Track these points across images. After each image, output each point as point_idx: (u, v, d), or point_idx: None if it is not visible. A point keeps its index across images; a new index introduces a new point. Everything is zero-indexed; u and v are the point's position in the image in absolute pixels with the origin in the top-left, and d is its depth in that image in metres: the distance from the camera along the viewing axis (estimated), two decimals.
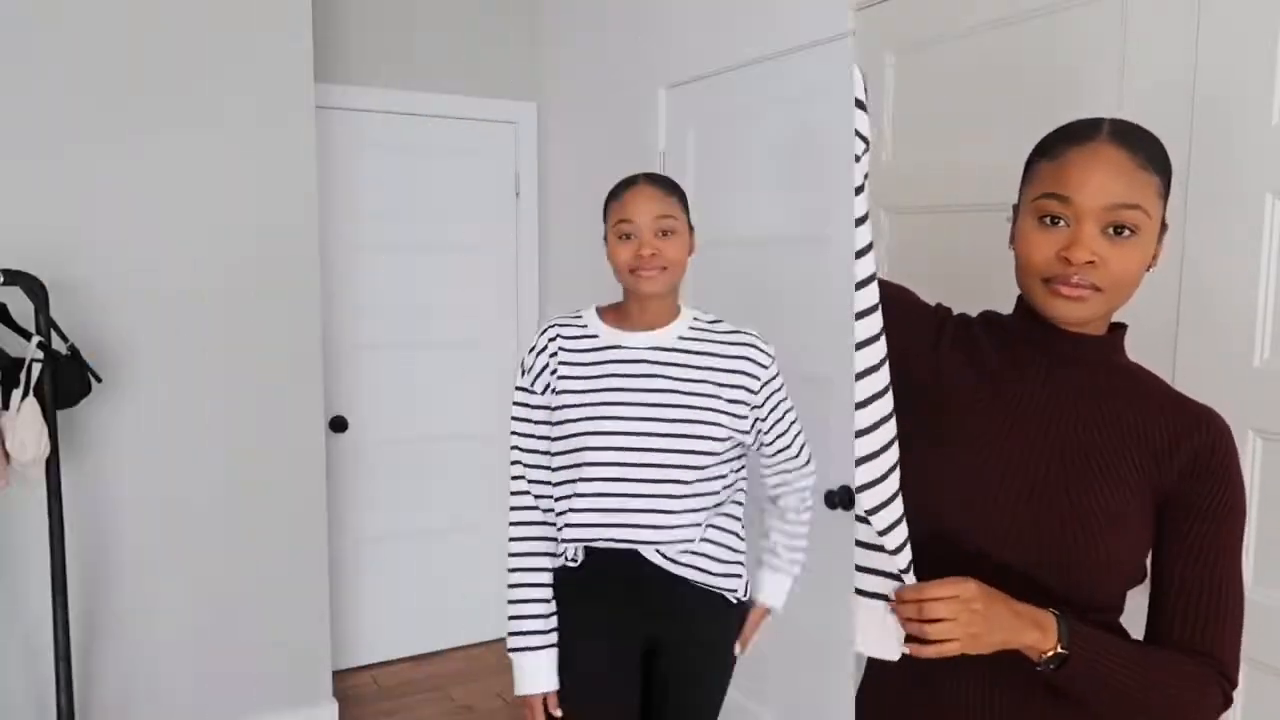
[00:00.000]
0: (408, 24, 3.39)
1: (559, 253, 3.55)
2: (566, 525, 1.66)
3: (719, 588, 1.72)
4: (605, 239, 1.68)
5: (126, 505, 2.69)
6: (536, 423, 1.70)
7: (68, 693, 2.37)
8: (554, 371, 1.67)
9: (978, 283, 1.46)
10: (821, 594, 2.33)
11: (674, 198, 1.67)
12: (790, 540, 1.84)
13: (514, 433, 1.72)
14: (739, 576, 1.75)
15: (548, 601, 1.69)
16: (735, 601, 1.76)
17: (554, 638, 1.68)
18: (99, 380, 2.45)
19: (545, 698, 1.68)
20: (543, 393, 1.68)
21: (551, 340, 1.69)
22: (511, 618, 1.68)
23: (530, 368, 1.70)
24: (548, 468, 1.70)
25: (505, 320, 3.66)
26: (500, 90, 3.57)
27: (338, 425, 3.36)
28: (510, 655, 1.68)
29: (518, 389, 1.72)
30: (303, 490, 2.91)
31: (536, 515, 1.71)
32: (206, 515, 2.78)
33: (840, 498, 2.19)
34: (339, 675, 3.43)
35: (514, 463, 1.72)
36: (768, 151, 2.44)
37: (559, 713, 1.68)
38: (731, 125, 2.56)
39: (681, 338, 1.69)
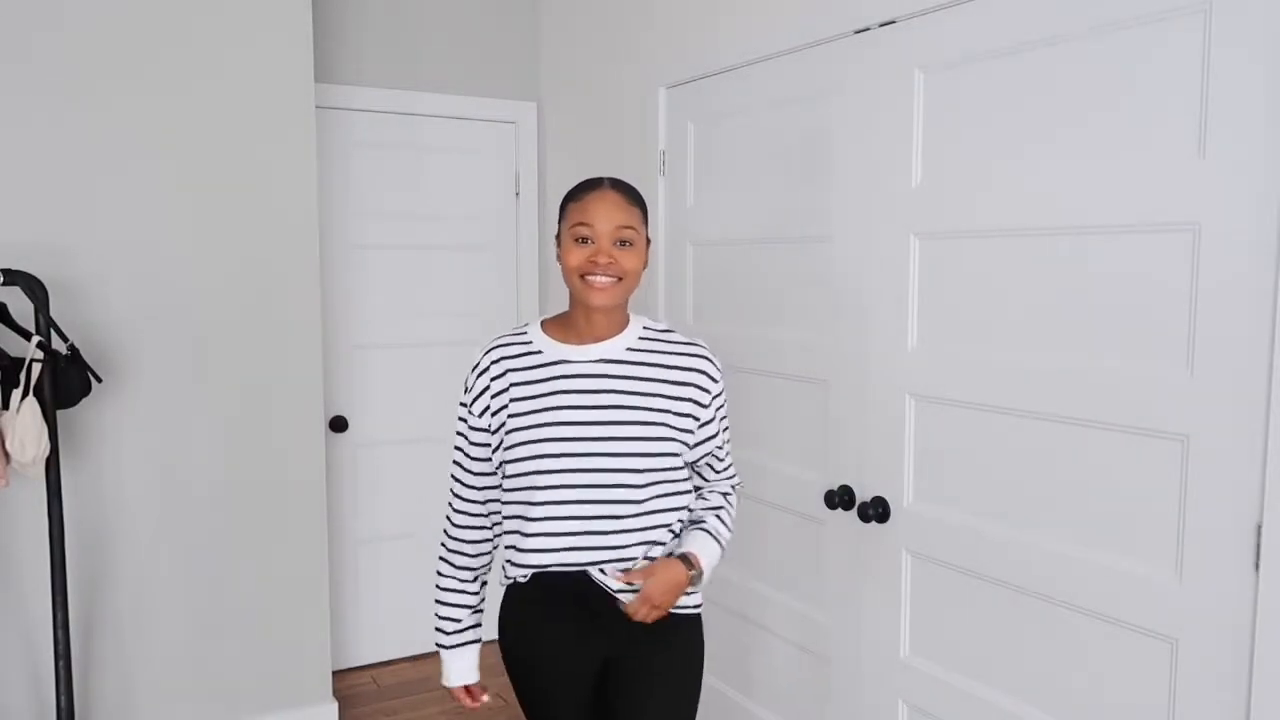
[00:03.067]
0: (408, 24, 3.39)
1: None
2: (517, 550, 1.64)
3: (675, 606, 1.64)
4: (558, 240, 1.64)
5: (126, 505, 2.69)
6: (473, 443, 1.70)
7: (68, 693, 2.37)
8: (496, 394, 1.64)
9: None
10: (820, 594, 2.33)
11: (637, 208, 1.63)
12: (720, 521, 1.75)
13: (456, 448, 1.74)
14: (691, 593, 1.68)
15: (463, 607, 1.76)
16: (689, 615, 1.70)
17: (471, 635, 1.76)
18: (99, 380, 2.45)
19: (468, 688, 1.76)
20: (480, 414, 1.67)
21: (495, 362, 1.66)
22: (435, 615, 1.77)
23: (471, 388, 1.69)
24: (477, 487, 1.73)
25: (505, 320, 3.66)
26: (500, 90, 3.57)
27: (338, 425, 3.36)
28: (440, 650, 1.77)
29: (460, 405, 1.71)
30: (303, 490, 2.91)
31: (465, 522, 1.74)
32: (206, 515, 2.78)
33: (840, 498, 2.19)
34: (339, 675, 3.44)
35: (452, 476, 1.75)
36: (767, 151, 2.44)
37: (486, 698, 1.77)
38: (731, 125, 2.57)
39: (630, 349, 1.65)
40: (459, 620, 1.75)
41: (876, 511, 2.11)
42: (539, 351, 1.65)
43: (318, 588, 2.96)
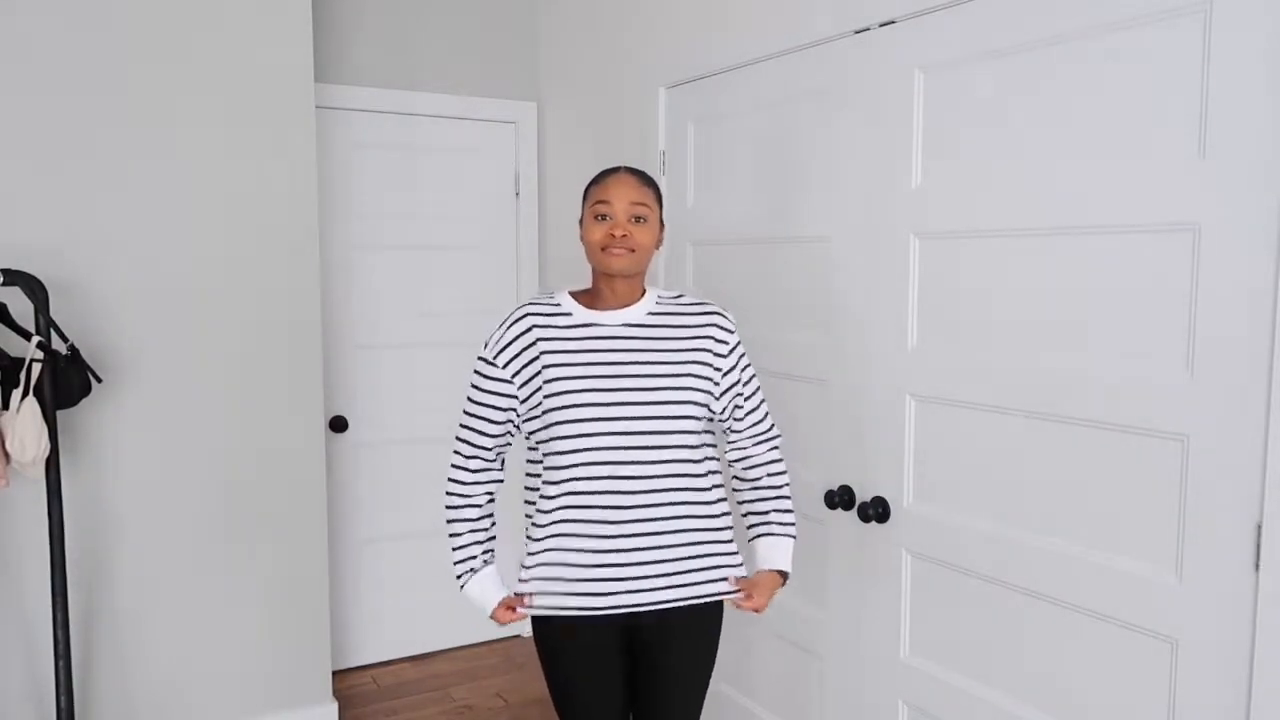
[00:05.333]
0: (408, 24, 3.39)
1: (559, 253, 3.55)
2: (548, 498, 1.76)
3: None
4: (581, 222, 1.81)
5: (126, 505, 2.69)
6: (491, 393, 1.79)
7: (68, 693, 2.37)
8: (523, 349, 1.76)
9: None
10: (820, 594, 2.33)
11: (649, 189, 1.78)
12: (780, 509, 1.93)
13: (471, 400, 1.82)
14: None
15: (478, 544, 1.84)
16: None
17: (488, 562, 1.85)
18: (99, 380, 2.45)
19: (505, 605, 1.81)
20: (504, 366, 1.78)
21: (522, 319, 1.78)
22: (454, 562, 1.85)
23: (497, 341, 1.79)
24: (492, 435, 1.82)
25: None
26: (500, 90, 3.57)
27: (338, 425, 3.36)
28: (463, 588, 1.84)
29: (479, 360, 1.80)
30: (303, 490, 2.91)
31: (478, 471, 1.85)
32: (206, 515, 2.78)
33: (840, 498, 2.19)
34: (339, 675, 3.44)
35: (465, 428, 1.83)
36: (767, 151, 2.44)
37: (525, 607, 1.79)
38: (731, 125, 2.57)
39: (650, 313, 1.81)
40: (474, 556, 1.84)
41: (876, 511, 2.11)
42: (569, 314, 1.79)
43: (318, 588, 2.96)
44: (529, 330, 1.77)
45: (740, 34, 2.50)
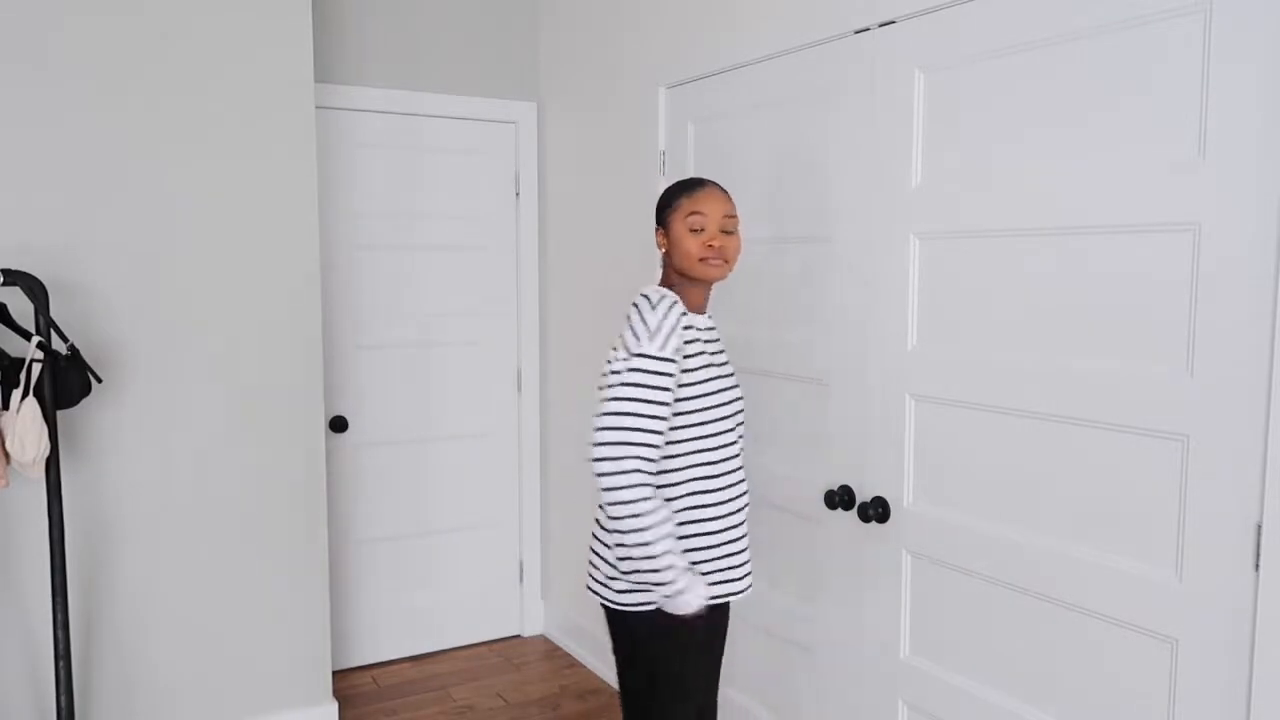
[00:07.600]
0: (408, 24, 3.39)
1: (559, 253, 3.55)
2: (703, 507, 1.83)
3: None
4: (663, 226, 1.85)
5: (126, 505, 2.69)
6: (667, 389, 1.70)
7: (68, 693, 2.37)
8: (688, 355, 1.79)
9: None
10: (820, 594, 2.33)
11: (733, 203, 1.87)
12: None
13: (642, 399, 1.67)
14: None
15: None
16: None
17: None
18: (99, 380, 2.45)
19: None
20: (675, 360, 1.73)
21: (682, 316, 1.77)
22: (663, 570, 1.66)
23: (666, 336, 1.70)
24: (662, 432, 1.70)
25: (505, 320, 3.66)
26: (500, 90, 3.57)
27: (338, 425, 3.36)
28: (675, 583, 1.67)
29: (651, 357, 1.68)
30: (303, 490, 2.91)
31: (650, 489, 1.67)
32: (206, 515, 2.78)
33: (840, 498, 2.19)
34: (339, 675, 3.44)
35: (646, 430, 1.66)
36: (767, 152, 2.44)
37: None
38: (731, 125, 2.57)
39: (709, 315, 1.97)
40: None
41: (876, 511, 2.11)
42: (687, 313, 1.83)
43: (318, 588, 2.96)
44: (688, 329, 1.80)
45: (740, 34, 2.50)
